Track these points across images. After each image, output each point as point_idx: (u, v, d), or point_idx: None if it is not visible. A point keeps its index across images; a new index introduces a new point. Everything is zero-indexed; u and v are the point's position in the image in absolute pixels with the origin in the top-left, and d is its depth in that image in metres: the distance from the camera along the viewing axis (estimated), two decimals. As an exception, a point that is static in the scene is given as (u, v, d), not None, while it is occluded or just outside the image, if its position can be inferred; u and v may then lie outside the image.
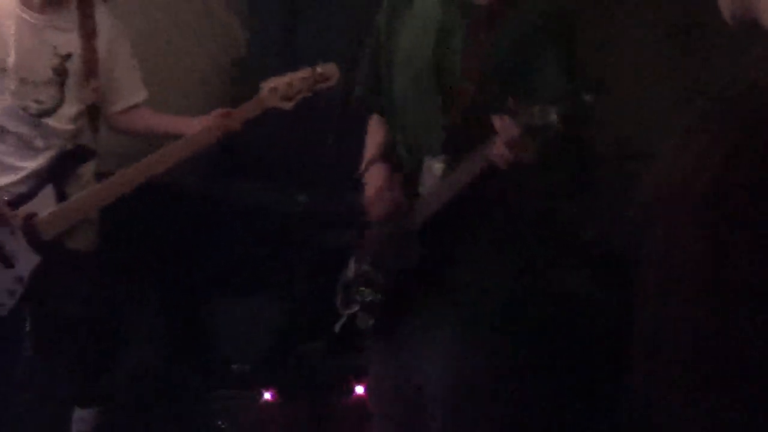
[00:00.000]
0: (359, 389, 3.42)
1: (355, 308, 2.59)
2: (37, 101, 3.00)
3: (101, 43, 3.15)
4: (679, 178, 1.09)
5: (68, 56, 3.06)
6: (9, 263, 2.99)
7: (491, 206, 2.39)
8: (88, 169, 3.16)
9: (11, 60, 3.01)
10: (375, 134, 2.72)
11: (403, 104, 2.55)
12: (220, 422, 3.52)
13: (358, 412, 3.36)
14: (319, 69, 3.13)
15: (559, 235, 3.06)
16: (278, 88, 3.12)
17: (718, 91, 1.13)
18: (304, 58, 3.37)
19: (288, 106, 3.13)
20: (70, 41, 3.08)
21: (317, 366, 3.65)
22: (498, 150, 2.18)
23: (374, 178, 2.58)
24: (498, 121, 2.16)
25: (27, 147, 3.03)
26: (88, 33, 3.14)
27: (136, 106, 3.28)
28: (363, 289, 2.60)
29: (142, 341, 3.93)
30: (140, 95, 3.29)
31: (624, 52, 3.52)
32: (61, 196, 3.01)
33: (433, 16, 2.51)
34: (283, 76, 3.14)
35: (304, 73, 3.13)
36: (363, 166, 2.65)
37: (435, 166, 2.45)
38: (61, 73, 3.07)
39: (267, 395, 3.54)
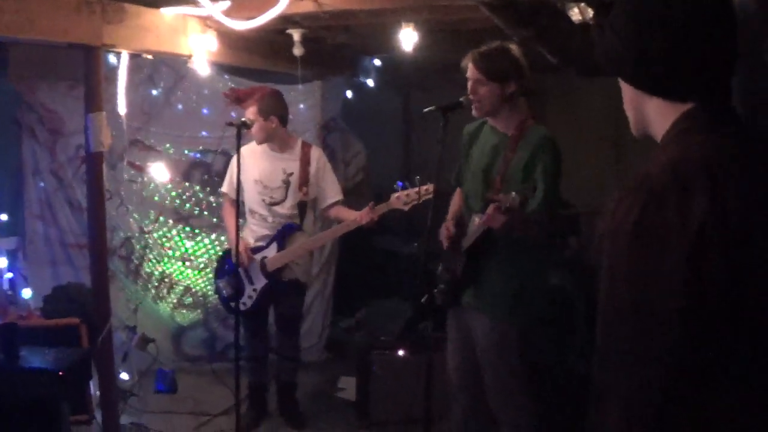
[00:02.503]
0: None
1: (435, 290, 3.31)
2: (271, 197, 4.10)
3: (311, 168, 4.09)
4: (614, 224, 1.29)
5: (291, 174, 4.09)
6: (251, 281, 4.16)
7: (500, 239, 3.06)
8: (297, 236, 4.15)
9: (260, 175, 4.08)
10: (456, 200, 3.44)
11: (469, 187, 3.29)
12: (374, 368, 4.39)
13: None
14: (425, 186, 3.70)
15: (547, 253, 3.69)
16: (401, 198, 3.82)
17: (632, 178, 1.30)
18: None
19: (406, 208, 3.84)
20: (293, 166, 4.08)
21: (426, 336, 3.74)
22: (487, 219, 2.94)
23: (445, 228, 3.31)
24: (490, 207, 2.91)
25: (264, 221, 4.12)
26: (304, 163, 4.11)
27: (332, 205, 4.18)
28: (440, 284, 3.32)
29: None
30: (335, 198, 4.15)
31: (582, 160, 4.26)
32: (281, 248, 4.11)
33: (488, 141, 3.19)
34: (407, 191, 3.81)
35: (419, 189, 3.72)
36: (446, 220, 3.37)
37: (475, 219, 3.17)
38: (286, 183, 4.09)
39: (401, 352, 4.40)
